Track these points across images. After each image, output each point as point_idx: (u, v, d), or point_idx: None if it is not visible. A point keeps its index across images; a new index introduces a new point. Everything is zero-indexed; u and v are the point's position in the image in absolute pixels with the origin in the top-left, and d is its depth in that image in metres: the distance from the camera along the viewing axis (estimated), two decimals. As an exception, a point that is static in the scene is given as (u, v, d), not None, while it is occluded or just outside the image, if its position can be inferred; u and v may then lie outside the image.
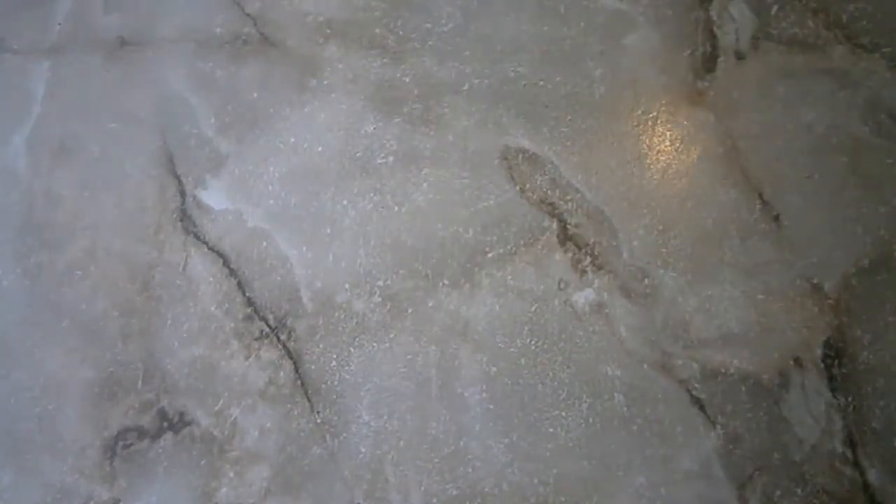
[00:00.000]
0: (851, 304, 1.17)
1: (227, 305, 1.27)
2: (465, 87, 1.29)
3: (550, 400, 1.17)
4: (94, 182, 1.37)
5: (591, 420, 1.07)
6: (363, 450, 1.19)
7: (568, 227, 1.26)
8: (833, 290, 1.19)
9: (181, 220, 1.33)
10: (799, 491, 1.12)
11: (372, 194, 1.28)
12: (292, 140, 1.34)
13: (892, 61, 1.28)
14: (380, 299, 1.26)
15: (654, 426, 1.15)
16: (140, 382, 1.26)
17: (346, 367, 1.24)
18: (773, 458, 1.13)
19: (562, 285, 1.21)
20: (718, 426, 1.15)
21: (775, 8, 1.29)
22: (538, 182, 1.28)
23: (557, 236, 1.26)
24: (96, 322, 1.30)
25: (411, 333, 1.24)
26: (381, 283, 1.26)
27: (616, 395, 1.15)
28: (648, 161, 1.28)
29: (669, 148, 1.28)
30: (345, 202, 1.28)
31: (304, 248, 1.27)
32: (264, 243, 1.29)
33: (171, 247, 1.32)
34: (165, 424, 1.24)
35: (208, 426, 1.23)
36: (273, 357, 1.25)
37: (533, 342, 1.19)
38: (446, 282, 1.25)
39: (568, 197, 1.27)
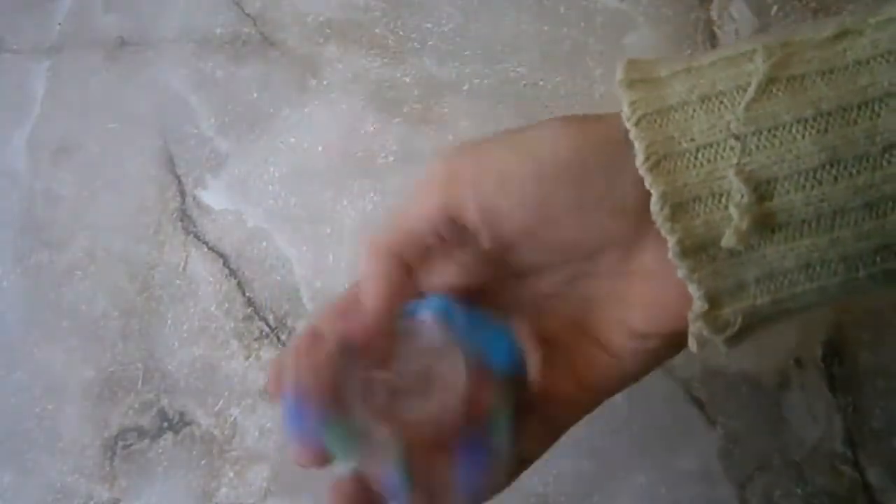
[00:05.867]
0: (851, 304, 1.17)
1: (227, 305, 1.27)
2: (465, 87, 1.29)
3: (550, 400, 1.16)
4: (94, 182, 1.37)
5: (590, 420, 1.06)
6: (363, 450, 1.18)
7: (568, 227, 1.26)
8: (833, 290, 1.19)
9: (181, 220, 1.33)
10: (799, 491, 1.12)
11: (372, 194, 1.27)
12: (292, 140, 1.33)
13: (892, 61, 1.27)
14: (380, 299, 1.26)
15: (654, 426, 1.15)
16: (140, 382, 1.26)
17: (346, 367, 1.24)
18: (773, 458, 1.13)
19: (562, 285, 1.21)
20: (718, 426, 1.15)
21: (775, 8, 1.29)
22: (538, 182, 1.28)
23: (557, 236, 1.26)
24: (96, 322, 1.29)
25: (411, 333, 1.24)
26: (381, 283, 1.26)
27: (616, 395, 1.14)
28: (648, 161, 1.28)
29: (669, 148, 1.28)
30: (345, 202, 1.28)
31: (304, 248, 1.27)
32: (264, 243, 1.29)
33: (171, 247, 1.32)
34: (165, 424, 1.23)
35: (208, 426, 1.22)
36: (273, 357, 1.24)
37: (533, 342, 1.19)
38: (446, 282, 1.25)
39: (568, 197, 1.27)
